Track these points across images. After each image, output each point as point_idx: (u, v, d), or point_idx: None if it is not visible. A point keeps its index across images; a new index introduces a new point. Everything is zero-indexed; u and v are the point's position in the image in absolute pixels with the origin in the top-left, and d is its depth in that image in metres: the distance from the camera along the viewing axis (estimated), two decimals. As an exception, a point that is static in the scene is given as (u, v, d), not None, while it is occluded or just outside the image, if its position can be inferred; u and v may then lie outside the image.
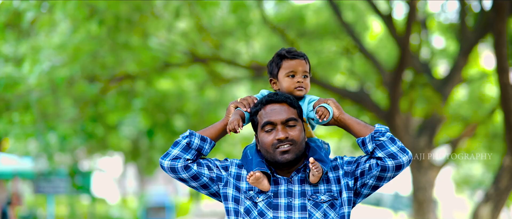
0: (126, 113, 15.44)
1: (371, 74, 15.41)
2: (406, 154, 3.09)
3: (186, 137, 3.20)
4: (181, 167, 3.18)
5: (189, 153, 3.19)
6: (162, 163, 3.20)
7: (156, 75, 14.03)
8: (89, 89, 12.65)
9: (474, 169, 28.07)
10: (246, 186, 3.21)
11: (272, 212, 3.12)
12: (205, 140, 3.20)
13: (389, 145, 3.09)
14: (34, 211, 19.36)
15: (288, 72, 3.27)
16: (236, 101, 3.25)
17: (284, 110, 3.17)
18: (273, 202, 3.14)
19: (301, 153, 3.18)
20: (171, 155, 3.18)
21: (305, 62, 3.30)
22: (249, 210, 3.15)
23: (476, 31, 12.37)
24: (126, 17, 11.69)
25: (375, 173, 3.13)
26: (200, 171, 3.21)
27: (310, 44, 15.20)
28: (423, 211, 12.93)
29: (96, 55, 12.16)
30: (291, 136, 3.14)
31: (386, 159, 3.08)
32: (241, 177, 3.23)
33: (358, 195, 3.22)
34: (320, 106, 3.16)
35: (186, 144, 3.19)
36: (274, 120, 3.14)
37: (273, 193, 3.16)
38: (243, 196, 3.19)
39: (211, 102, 18.54)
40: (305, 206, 3.13)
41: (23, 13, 11.79)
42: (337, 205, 3.16)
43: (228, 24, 14.66)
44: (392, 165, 3.09)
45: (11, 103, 12.55)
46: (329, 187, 3.18)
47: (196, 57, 13.16)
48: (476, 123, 14.08)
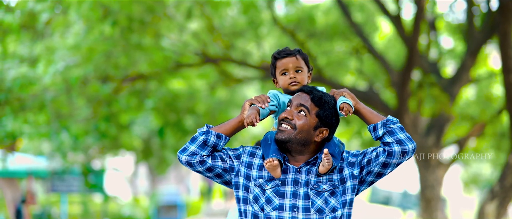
0: (139, 112, 15.60)
1: (380, 74, 15.56)
2: (411, 142, 3.32)
3: (203, 133, 3.42)
4: (197, 162, 3.42)
5: (205, 150, 3.41)
6: (180, 157, 3.43)
7: (168, 75, 14.20)
8: (102, 89, 12.84)
9: (484, 168, 28.12)
10: (256, 174, 3.42)
11: (279, 199, 3.35)
12: (221, 137, 3.42)
13: (398, 132, 3.33)
14: (48, 210, 19.58)
15: (281, 70, 3.53)
16: (251, 99, 3.45)
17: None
18: (280, 190, 3.36)
19: (299, 142, 3.39)
20: (188, 151, 3.41)
21: (296, 58, 3.53)
22: (257, 197, 3.38)
23: (483, 31, 12.48)
24: (139, 18, 11.89)
25: (382, 160, 3.35)
26: (214, 163, 3.43)
27: (319, 44, 15.37)
28: (431, 209, 13.07)
29: (109, 55, 12.33)
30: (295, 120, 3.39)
31: (394, 144, 3.31)
32: (252, 165, 3.45)
33: (362, 182, 3.43)
34: (343, 102, 3.36)
35: (202, 141, 3.40)
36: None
37: (281, 181, 3.38)
38: (253, 184, 3.41)
39: (222, 102, 18.72)
40: (308, 194, 3.35)
41: (38, 15, 12.01)
42: (338, 193, 3.37)
43: (239, 24, 14.83)
44: (398, 151, 3.31)
45: (26, 103, 12.73)
46: (331, 177, 3.40)
47: (208, 58, 13.31)
48: (484, 122, 14.21)
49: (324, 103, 3.40)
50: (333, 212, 3.35)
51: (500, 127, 15.36)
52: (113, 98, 13.43)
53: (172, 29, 13.58)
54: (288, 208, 3.34)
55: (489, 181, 26.25)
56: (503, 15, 8.57)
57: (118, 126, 16.05)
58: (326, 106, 3.40)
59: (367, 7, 15.39)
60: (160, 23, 12.61)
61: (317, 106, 3.40)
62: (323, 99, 3.40)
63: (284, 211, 3.34)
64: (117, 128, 15.95)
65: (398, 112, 12.74)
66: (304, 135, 3.38)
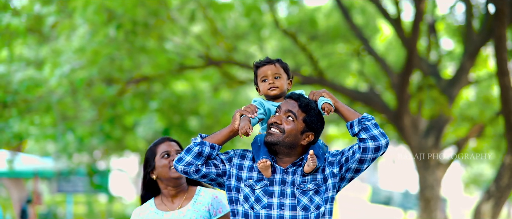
0: (143, 114, 15.77)
1: (381, 76, 15.74)
2: (384, 138, 3.55)
3: (197, 144, 3.65)
4: (192, 171, 3.67)
5: (200, 160, 3.65)
6: (176, 166, 3.68)
7: (172, 78, 14.37)
8: (107, 92, 12.99)
9: (485, 169, 28.26)
10: (247, 175, 3.66)
11: (267, 198, 3.59)
12: (214, 147, 3.66)
13: (372, 129, 3.55)
14: (54, 210, 19.79)
15: (261, 77, 3.79)
16: (241, 110, 3.68)
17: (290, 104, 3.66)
18: (268, 189, 3.61)
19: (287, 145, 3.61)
20: (184, 161, 3.66)
21: (274, 65, 3.80)
22: (247, 197, 3.61)
23: (481, 33, 12.62)
24: (143, 22, 12.07)
25: (358, 156, 3.58)
26: (208, 170, 3.68)
27: (321, 47, 15.55)
28: (431, 209, 13.24)
29: (114, 58, 12.52)
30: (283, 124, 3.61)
31: (368, 140, 3.54)
32: (243, 167, 3.69)
33: (342, 179, 3.67)
34: (324, 102, 3.60)
35: (198, 152, 3.64)
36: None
37: (270, 181, 3.62)
38: (243, 184, 3.65)
39: (225, 104, 18.90)
40: (294, 193, 3.59)
41: (45, 18, 12.20)
42: (322, 191, 3.61)
43: (241, 27, 15.01)
44: (372, 147, 3.53)
45: (32, 105, 12.90)
46: (315, 176, 3.64)
47: (211, 60, 13.46)
48: (483, 123, 14.36)
49: (310, 110, 3.63)
50: (317, 209, 3.58)
51: (499, 127, 15.51)
52: (117, 100, 13.59)
53: (175, 32, 13.75)
54: (276, 206, 3.57)
55: (489, 181, 26.38)
56: (499, 19, 8.73)
57: (123, 127, 16.21)
58: (312, 112, 3.64)
59: (367, 9, 15.57)
60: (163, 26, 12.79)
61: (304, 112, 3.63)
62: (310, 106, 3.63)
63: (272, 209, 3.57)
64: (121, 129, 16.10)
65: (398, 113, 12.92)
66: (292, 138, 3.62)
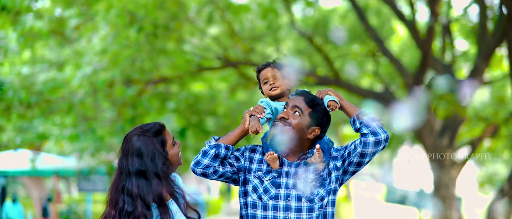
0: (161, 114, 15.99)
1: (396, 77, 15.88)
2: (384, 132, 3.76)
3: (213, 147, 3.88)
4: (211, 173, 3.90)
5: (217, 161, 3.88)
6: (195, 170, 3.93)
7: (190, 79, 14.62)
8: (127, 92, 13.25)
9: (500, 168, 28.29)
10: (256, 167, 3.91)
11: (275, 189, 3.82)
12: (229, 148, 3.89)
13: (371, 123, 3.76)
14: (74, 208, 20.08)
15: (262, 80, 4.05)
16: (249, 111, 3.90)
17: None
18: (276, 181, 3.85)
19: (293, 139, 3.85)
20: (202, 164, 3.88)
21: (271, 68, 4.04)
22: (256, 188, 3.86)
23: (495, 34, 12.73)
24: (163, 24, 12.33)
25: (359, 150, 3.79)
26: (225, 170, 3.91)
27: (337, 48, 15.74)
28: (445, 208, 13.38)
29: (134, 60, 12.79)
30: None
31: (369, 135, 3.74)
32: (253, 160, 3.93)
33: (345, 172, 3.89)
34: (330, 100, 3.84)
35: (214, 155, 3.87)
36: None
37: (278, 173, 3.86)
38: (252, 176, 3.89)
39: (241, 104, 19.09)
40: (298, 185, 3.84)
41: (67, 21, 12.48)
42: (326, 184, 3.85)
43: (258, 29, 15.22)
44: (372, 141, 3.74)
45: (54, 105, 13.15)
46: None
47: (228, 61, 13.67)
48: (497, 124, 14.47)
49: (316, 105, 3.87)
50: (321, 200, 3.81)
51: (514, 128, 15.61)
52: (137, 100, 13.84)
53: (194, 34, 13.98)
54: (283, 197, 3.81)
55: (504, 180, 26.38)
56: (511, 21, 8.89)
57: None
58: (317, 108, 3.87)
59: (382, 11, 15.73)
60: (182, 28, 13.02)
61: (310, 108, 3.85)
62: (315, 102, 3.87)
63: (279, 200, 3.81)
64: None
65: (413, 113, 13.07)
66: (298, 132, 3.84)
